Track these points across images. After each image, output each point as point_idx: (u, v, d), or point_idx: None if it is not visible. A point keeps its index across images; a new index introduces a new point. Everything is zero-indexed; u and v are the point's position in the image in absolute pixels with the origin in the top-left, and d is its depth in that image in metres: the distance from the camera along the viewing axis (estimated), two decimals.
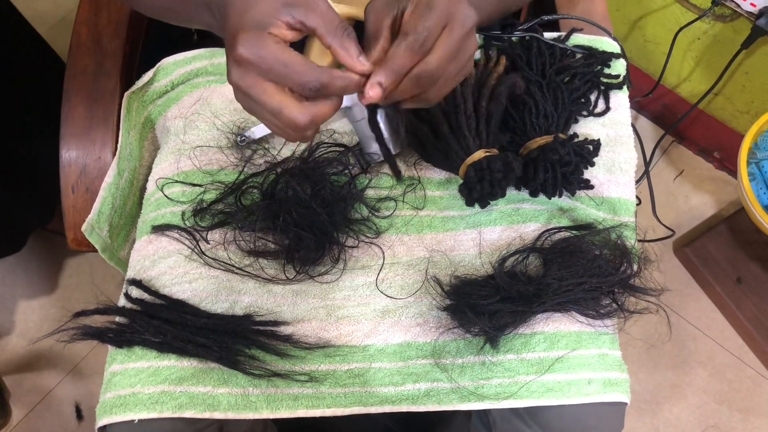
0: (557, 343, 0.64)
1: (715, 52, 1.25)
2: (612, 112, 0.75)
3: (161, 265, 0.67)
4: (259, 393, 0.62)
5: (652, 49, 1.37)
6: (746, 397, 1.25)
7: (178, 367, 0.62)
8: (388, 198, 0.72)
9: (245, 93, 0.44)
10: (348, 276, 0.68)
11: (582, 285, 0.63)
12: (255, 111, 0.46)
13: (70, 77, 0.75)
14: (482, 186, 0.65)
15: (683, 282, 1.35)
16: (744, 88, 1.26)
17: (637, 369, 1.27)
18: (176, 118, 0.75)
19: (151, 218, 0.71)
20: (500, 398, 0.62)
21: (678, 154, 1.49)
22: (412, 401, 0.63)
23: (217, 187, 0.71)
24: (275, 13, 0.44)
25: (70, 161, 0.74)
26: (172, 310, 0.64)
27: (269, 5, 0.44)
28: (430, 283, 0.67)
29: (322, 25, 0.44)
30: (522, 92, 0.70)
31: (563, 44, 0.76)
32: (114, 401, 0.61)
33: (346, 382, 0.64)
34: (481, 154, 0.65)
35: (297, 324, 0.66)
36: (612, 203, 0.72)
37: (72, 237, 0.74)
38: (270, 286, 0.67)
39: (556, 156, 0.66)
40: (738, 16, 1.15)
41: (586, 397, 0.62)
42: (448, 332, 0.65)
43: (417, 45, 0.45)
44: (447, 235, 0.70)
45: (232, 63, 0.44)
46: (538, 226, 0.69)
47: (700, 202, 1.43)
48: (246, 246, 0.68)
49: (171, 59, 0.77)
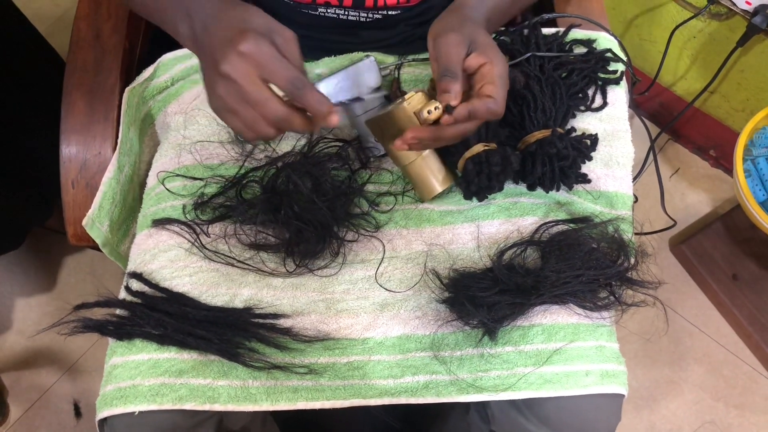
0: (555, 335, 0.64)
1: (711, 50, 1.25)
2: (609, 107, 0.75)
3: (161, 258, 0.67)
4: (258, 385, 0.63)
5: (648, 47, 1.37)
6: (742, 394, 1.26)
7: (179, 360, 0.62)
8: (388, 193, 0.72)
9: (236, 82, 0.49)
10: (347, 270, 0.69)
11: (579, 277, 0.64)
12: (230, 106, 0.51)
13: (70, 73, 0.76)
14: (480, 179, 0.65)
15: (679, 279, 1.35)
16: (739, 86, 1.27)
17: (634, 365, 1.27)
18: (176, 113, 0.76)
19: (152, 212, 0.71)
20: (498, 390, 0.63)
21: (674, 152, 1.49)
22: (411, 393, 0.64)
23: (218, 181, 0.71)
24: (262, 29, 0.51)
25: (71, 157, 0.74)
26: (172, 302, 0.64)
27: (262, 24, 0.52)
28: (428, 276, 0.68)
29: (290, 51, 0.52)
30: (521, 87, 0.70)
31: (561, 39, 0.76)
32: (114, 393, 0.62)
33: (345, 374, 0.64)
34: (480, 147, 0.65)
35: (296, 317, 0.66)
36: (609, 197, 0.72)
37: (72, 232, 0.74)
38: (270, 279, 0.67)
39: (554, 150, 0.67)
40: (733, 14, 1.15)
41: (584, 389, 0.63)
42: (446, 325, 0.66)
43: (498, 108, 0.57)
44: (445, 228, 0.71)
45: (231, 56, 0.49)
46: (536, 219, 0.70)
47: (696, 199, 1.44)
48: (246, 239, 0.69)
49: (171, 55, 0.77)
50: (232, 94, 0.51)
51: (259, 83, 0.50)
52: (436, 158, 0.68)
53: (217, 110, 0.53)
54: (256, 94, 0.50)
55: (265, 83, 0.50)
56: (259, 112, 0.51)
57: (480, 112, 0.57)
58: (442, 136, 0.59)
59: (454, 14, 0.61)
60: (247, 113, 0.51)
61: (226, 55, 0.49)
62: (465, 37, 0.58)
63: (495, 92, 0.56)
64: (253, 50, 0.49)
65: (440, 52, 0.58)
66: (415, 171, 0.68)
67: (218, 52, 0.50)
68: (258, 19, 0.52)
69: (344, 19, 0.75)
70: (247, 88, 0.50)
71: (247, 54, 0.49)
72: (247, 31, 0.49)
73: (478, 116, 0.57)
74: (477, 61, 0.57)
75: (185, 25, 0.56)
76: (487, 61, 0.57)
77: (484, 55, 0.57)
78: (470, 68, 0.58)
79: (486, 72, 0.57)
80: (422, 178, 0.68)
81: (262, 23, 0.52)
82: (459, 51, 0.57)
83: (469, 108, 0.56)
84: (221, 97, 0.51)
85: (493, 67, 0.57)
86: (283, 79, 0.50)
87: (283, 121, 0.51)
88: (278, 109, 0.51)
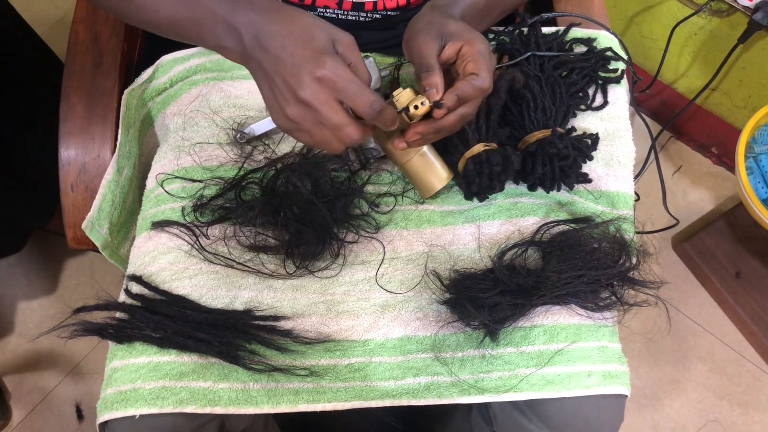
0: (557, 335, 0.64)
1: (712, 47, 1.25)
2: (610, 106, 0.75)
3: (161, 260, 0.67)
4: (259, 388, 0.62)
5: (649, 45, 1.37)
6: (746, 392, 1.25)
7: (179, 363, 0.62)
8: (388, 194, 0.72)
9: (316, 109, 0.51)
10: (347, 271, 0.68)
11: (581, 278, 0.63)
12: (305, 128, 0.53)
13: (68, 75, 0.75)
14: (481, 179, 0.65)
15: (682, 277, 1.35)
16: (741, 83, 1.26)
17: (638, 364, 1.27)
18: (175, 115, 0.76)
19: (151, 214, 0.71)
20: (500, 391, 0.63)
21: (676, 149, 1.49)
22: (413, 395, 0.64)
23: (217, 183, 0.71)
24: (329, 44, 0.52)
25: (69, 160, 0.74)
26: (172, 305, 0.64)
27: (325, 37, 0.52)
28: (429, 277, 0.68)
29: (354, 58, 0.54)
30: (521, 86, 0.70)
31: (561, 38, 0.76)
32: (115, 397, 0.61)
33: (346, 376, 0.64)
34: (480, 147, 0.65)
35: (297, 319, 0.66)
36: (610, 197, 0.72)
37: (72, 235, 0.74)
38: (270, 281, 0.67)
39: (554, 150, 0.66)
40: (734, 11, 1.15)
41: (586, 390, 0.63)
42: (447, 326, 0.66)
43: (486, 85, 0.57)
44: (446, 229, 0.70)
45: (310, 82, 0.50)
46: (537, 219, 0.70)
47: (698, 197, 1.43)
48: (246, 241, 0.68)
49: (170, 56, 0.77)
50: (309, 120, 0.52)
51: (338, 108, 0.52)
52: (435, 155, 0.68)
53: (288, 130, 0.55)
54: (335, 119, 0.52)
55: (342, 106, 0.52)
56: (336, 135, 0.53)
57: (467, 92, 0.57)
58: (442, 127, 0.59)
59: (422, 17, 0.61)
60: (323, 135, 0.53)
61: (303, 81, 0.50)
62: (435, 32, 0.58)
63: (477, 68, 0.56)
64: (331, 76, 0.50)
65: (413, 53, 0.58)
66: (413, 169, 0.67)
67: (293, 79, 0.51)
68: (319, 31, 0.52)
69: (343, 19, 0.75)
70: (326, 114, 0.51)
71: (326, 80, 0.50)
72: (323, 55, 0.50)
73: (467, 97, 0.57)
74: (453, 48, 0.58)
75: (232, 39, 0.55)
76: (464, 43, 0.57)
77: (459, 39, 0.57)
78: (449, 58, 0.58)
79: (464, 52, 0.57)
80: (420, 175, 0.68)
81: (324, 36, 0.52)
82: (430, 46, 0.57)
83: (456, 92, 0.56)
84: (295, 120, 0.53)
85: (471, 46, 0.57)
86: (363, 104, 0.52)
87: (357, 142, 0.54)
88: (355, 133, 0.53)
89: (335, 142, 0.54)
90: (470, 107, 0.58)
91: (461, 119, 0.59)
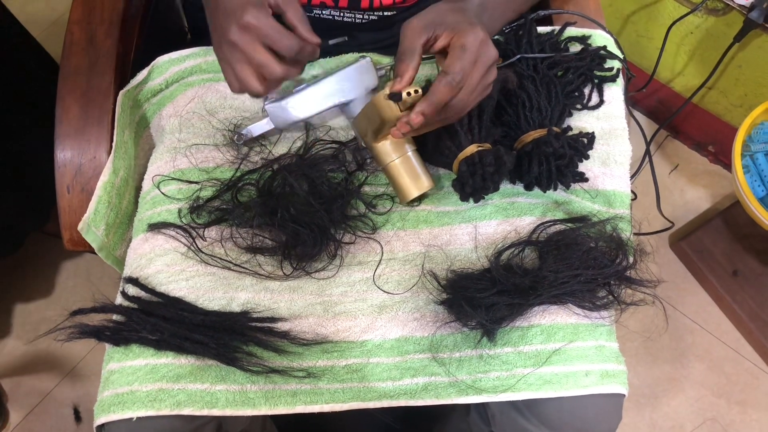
0: (554, 335, 0.64)
1: (708, 45, 1.25)
2: (606, 105, 0.75)
3: (158, 262, 0.67)
4: (257, 389, 0.62)
5: (645, 43, 1.37)
6: (744, 390, 1.25)
7: (176, 365, 0.62)
8: (385, 194, 0.72)
9: (241, 48, 0.56)
10: (345, 272, 0.68)
11: (578, 277, 0.63)
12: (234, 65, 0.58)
13: (63, 77, 0.75)
14: (474, 180, 0.65)
15: (680, 276, 1.35)
16: (737, 81, 1.26)
17: (636, 363, 1.27)
18: (171, 116, 0.75)
19: (148, 216, 0.71)
20: (498, 391, 0.63)
21: (673, 148, 1.49)
22: (410, 396, 0.64)
23: (214, 184, 0.71)
24: None
25: (65, 161, 0.74)
26: (169, 307, 0.64)
27: None
28: (426, 277, 0.67)
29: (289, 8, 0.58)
30: (515, 86, 0.70)
31: (556, 38, 0.76)
32: (112, 399, 0.61)
33: (344, 377, 0.64)
34: (474, 148, 0.65)
35: (294, 320, 0.66)
36: (607, 196, 0.72)
37: (68, 237, 0.74)
38: (267, 282, 0.67)
39: (550, 149, 0.66)
40: (730, 9, 1.15)
41: (584, 389, 0.63)
42: (445, 326, 0.66)
43: (455, 82, 0.56)
44: (443, 229, 0.70)
45: (235, 28, 0.56)
46: (534, 219, 0.69)
47: (695, 195, 1.43)
48: (243, 243, 0.68)
49: (165, 57, 0.77)
50: (236, 57, 0.57)
51: (261, 50, 0.56)
52: (419, 162, 0.68)
53: (221, 61, 0.60)
54: (257, 58, 0.57)
55: (264, 48, 0.57)
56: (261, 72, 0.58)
57: (439, 94, 0.56)
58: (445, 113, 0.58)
59: (436, 5, 0.61)
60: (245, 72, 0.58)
61: (230, 26, 0.56)
62: (428, 20, 0.58)
63: (449, 65, 0.56)
64: (255, 22, 0.55)
65: (400, 37, 0.58)
66: (394, 171, 0.68)
67: (225, 22, 0.57)
68: None
69: (339, 21, 0.75)
70: (250, 54, 0.57)
71: (251, 26, 0.55)
72: (249, 5, 0.56)
73: (438, 99, 0.56)
74: (446, 39, 0.57)
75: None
76: (454, 34, 0.57)
77: (451, 30, 0.57)
78: (443, 49, 0.58)
79: (451, 44, 0.57)
80: (400, 179, 0.68)
81: None
82: (414, 32, 0.57)
83: (429, 98, 0.56)
84: (225, 55, 0.58)
85: (458, 38, 0.56)
86: (283, 47, 0.56)
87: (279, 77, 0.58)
88: (277, 69, 0.57)
89: (252, 79, 0.58)
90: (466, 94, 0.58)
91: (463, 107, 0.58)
